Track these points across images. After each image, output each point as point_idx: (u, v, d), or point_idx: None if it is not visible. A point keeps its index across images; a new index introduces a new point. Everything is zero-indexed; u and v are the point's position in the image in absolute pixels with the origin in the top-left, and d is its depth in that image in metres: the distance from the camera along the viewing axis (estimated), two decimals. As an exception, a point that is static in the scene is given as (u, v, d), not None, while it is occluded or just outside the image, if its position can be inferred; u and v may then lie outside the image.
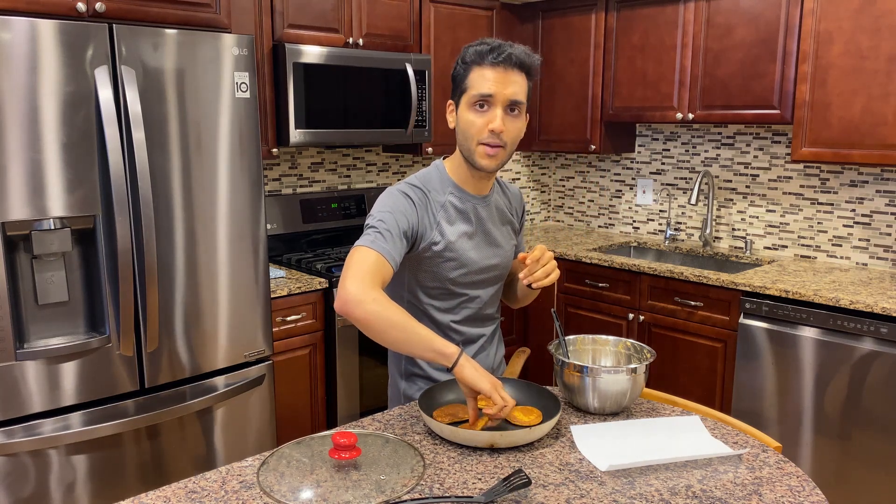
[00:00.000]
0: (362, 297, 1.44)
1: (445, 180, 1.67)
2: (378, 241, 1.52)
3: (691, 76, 3.32)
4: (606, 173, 4.14)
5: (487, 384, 1.41)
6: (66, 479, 2.17)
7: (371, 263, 1.49)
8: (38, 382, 2.09)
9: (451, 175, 1.68)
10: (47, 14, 2.11)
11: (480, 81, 1.55)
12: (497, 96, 1.54)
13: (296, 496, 1.18)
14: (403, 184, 1.65)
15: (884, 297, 2.66)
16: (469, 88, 1.57)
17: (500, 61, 1.54)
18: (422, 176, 1.68)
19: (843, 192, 3.24)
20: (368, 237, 1.54)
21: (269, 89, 2.94)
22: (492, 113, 1.55)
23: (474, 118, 1.57)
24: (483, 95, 1.55)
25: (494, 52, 1.54)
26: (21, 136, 1.98)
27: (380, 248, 1.51)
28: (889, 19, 2.71)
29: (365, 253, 1.51)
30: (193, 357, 2.40)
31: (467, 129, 1.58)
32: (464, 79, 1.58)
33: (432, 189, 1.65)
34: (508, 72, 1.55)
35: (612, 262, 3.35)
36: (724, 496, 1.26)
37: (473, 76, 1.56)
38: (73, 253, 2.14)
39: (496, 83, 1.54)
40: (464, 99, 1.59)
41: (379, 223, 1.55)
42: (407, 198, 1.60)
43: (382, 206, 1.59)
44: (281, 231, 3.32)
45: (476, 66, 1.56)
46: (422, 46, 3.43)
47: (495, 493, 1.20)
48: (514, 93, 1.55)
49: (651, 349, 1.67)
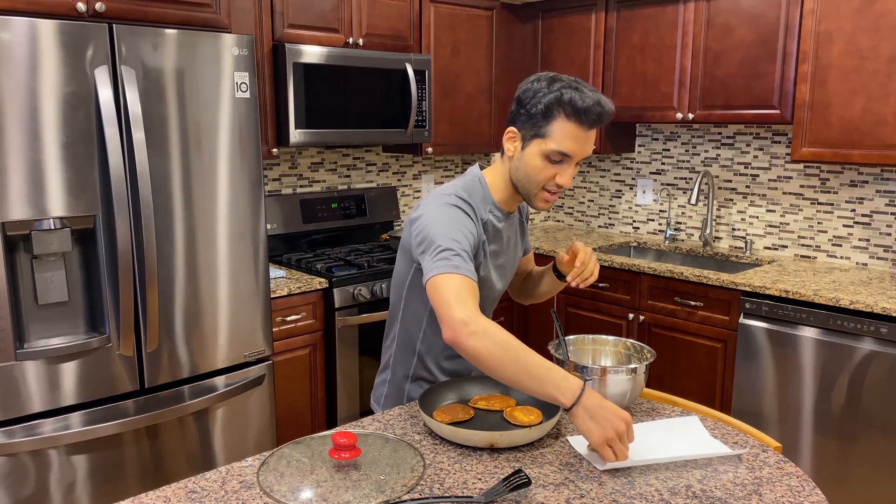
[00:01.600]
0: (471, 326, 1.34)
1: (488, 198, 1.61)
2: (462, 266, 1.41)
3: (691, 76, 3.32)
4: (606, 173, 4.14)
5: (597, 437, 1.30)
6: (66, 479, 2.17)
7: (465, 288, 1.39)
8: (38, 382, 2.09)
9: (492, 191, 1.62)
10: (47, 14, 2.11)
11: (564, 139, 1.47)
12: (577, 156, 1.49)
13: (296, 496, 1.18)
14: (453, 196, 1.55)
15: (884, 297, 2.66)
16: (548, 139, 1.48)
17: (594, 124, 1.47)
18: (467, 188, 1.59)
19: (843, 192, 3.24)
20: (450, 262, 1.42)
21: (269, 89, 2.94)
22: (564, 168, 1.50)
23: (545, 167, 1.50)
24: (563, 154, 1.48)
25: (589, 113, 1.46)
26: (21, 136, 1.98)
27: (467, 272, 1.41)
28: (889, 19, 2.71)
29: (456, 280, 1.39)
30: (193, 357, 2.40)
31: (535, 175, 1.52)
32: (544, 123, 1.48)
33: (477, 205, 1.58)
34: (593, 130, 1.49)
35: (612, 262, 3.35)
36: (724, 496, 1.26)
37: (558, 128, 1.47)
38: (73, 253, 2.14)
39: (580, 143, 1.48)
40: (538, 144, 1.50)
41: (454, 244, 1.45)
42: (466, 214, 1.53)
43: (448, 225, 1.49)
44: (281, 231, 3.32)
45: (564, 118, 1.47)
46: (422, 46, 3.43)
47: (495, 493, 1.20)
48: (589, 151, 1.50)
49: (651, 349, 1.67)
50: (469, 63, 3.64)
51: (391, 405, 1.76)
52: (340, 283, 2.93)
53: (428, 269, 1.43)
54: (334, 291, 2.91)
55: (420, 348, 1.70)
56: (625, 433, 1.31)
